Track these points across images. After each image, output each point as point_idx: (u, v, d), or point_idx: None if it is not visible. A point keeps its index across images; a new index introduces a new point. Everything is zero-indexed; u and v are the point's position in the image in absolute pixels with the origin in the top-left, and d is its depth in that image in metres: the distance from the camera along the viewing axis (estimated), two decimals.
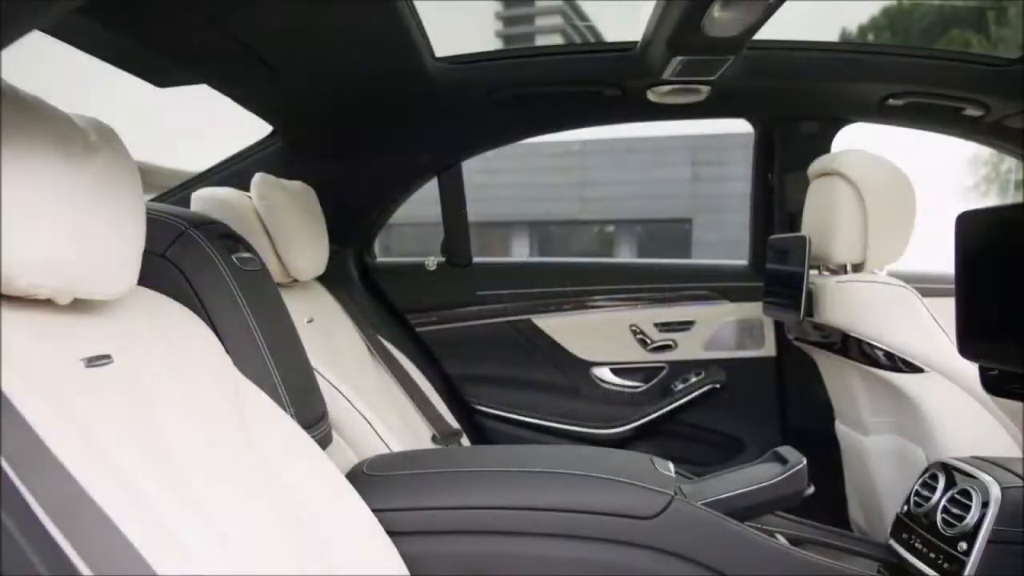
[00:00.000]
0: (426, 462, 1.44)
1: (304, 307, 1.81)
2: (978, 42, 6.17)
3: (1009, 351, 1.00)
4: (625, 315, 2.54)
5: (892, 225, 1.91)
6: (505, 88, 2.08)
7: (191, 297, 1.21)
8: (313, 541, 1.06)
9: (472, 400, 2.52)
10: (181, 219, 1.29)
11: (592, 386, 2.54)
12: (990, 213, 1.04)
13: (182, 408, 0.98)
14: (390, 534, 1.20)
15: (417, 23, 1.68)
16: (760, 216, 2.55)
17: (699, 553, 1.27)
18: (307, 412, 1.32)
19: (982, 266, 1.05)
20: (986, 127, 2.26)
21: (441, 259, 2.57)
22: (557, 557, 1.28)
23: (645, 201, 12.69)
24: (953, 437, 1.74)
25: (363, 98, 2.03)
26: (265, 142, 2.24)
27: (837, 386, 2.15)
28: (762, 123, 2.48)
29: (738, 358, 2.53)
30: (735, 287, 2.54)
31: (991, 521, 1.36)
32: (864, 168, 1.91)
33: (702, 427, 2.52)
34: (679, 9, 1.55)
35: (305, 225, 1.83)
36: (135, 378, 0.93)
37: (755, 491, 1.38)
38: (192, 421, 0.98)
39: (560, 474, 1.33)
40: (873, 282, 1.86)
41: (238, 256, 1.33)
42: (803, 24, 2.10)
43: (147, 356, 0.97)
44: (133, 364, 0.94)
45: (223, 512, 0.92)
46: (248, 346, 1.25)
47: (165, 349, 1.01)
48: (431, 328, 2.54)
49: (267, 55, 1.62)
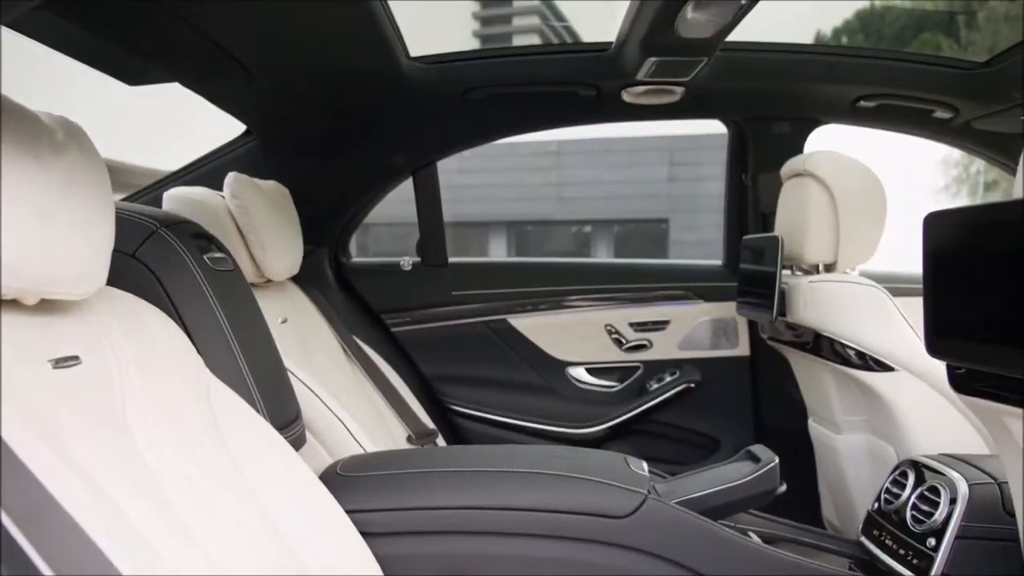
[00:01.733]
0: (401, 462, 1.43)
1: (278, 307, 1.80)
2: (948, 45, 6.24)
3: (975, 350, 1.01)
4: (600, 315, 2.56)
5: (863, 225, 1.93)
6: (480, 88, 2.08)
7: (162, 297, 1.20)
8: (285, 543, 1.05)
9: (448, 400, 2.51)
10: (152, 218, 1.28)
11: (568, 386, 2.54)
12: (957, 214, 1.05)
13: (152, 410, 0.97)
14: (364, 535, 1.19)
15: (391, 23, 1.68)
16: (734, 216, 2.57)
17: (673, 552, 1.28)
18: (280, 413, 1.31)
19: (949, 266, 1.06)
20: (955, 129, 2.29)
21: (416, 259, 2.57)
22: (531, 556, 1.28)
23: (622, 201, 12.71)
24: (923, 435, 1.76)
25: (337, 97, 2.02)
26: (239, 141, 2.22)
27: (810, 385, 2.17)
28: (736, 124, 2.50)
29: (712, 357, 2.55)
30: (709, 287, 2.56)
31: (959, 517, 1.38)
32: (835, 169, 1.93)
33: (677, 426, 2.54)
34: (653, 10, 1.56)
35: (279, 225, 1.82)
36: (104, 379, 0.92)
37: (728, 490, 1.39)
38: (163, 423, 0.97)
39: (534, 474, 1.33)
40: (844, 282, 1.88)
41: (210, 256, 1.32)
42: (779, 27, 2.12)
43: (117, 357, 0.96)
44: (102, 365, 0.93)
45: (194, 515, 0.91)
46: (220, 347, 1.24)
47: (135, 350, 1.00)
48: (406, 328, 2.54)
49: (240, 54, 1.61)
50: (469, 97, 2.11)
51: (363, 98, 2.05)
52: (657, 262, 2.89)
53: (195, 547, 0.88)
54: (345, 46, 1.68)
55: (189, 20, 1.41)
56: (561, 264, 2.83)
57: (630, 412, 2.48)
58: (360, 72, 1.85)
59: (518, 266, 2.90)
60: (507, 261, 5.48)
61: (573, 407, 2.52)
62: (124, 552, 0.73)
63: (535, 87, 2.12)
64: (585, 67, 2.03)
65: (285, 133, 2.20)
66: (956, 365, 1.10)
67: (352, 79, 1.89)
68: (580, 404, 2.52)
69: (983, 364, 1.02)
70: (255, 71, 1.70)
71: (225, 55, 1.58)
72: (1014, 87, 1.95)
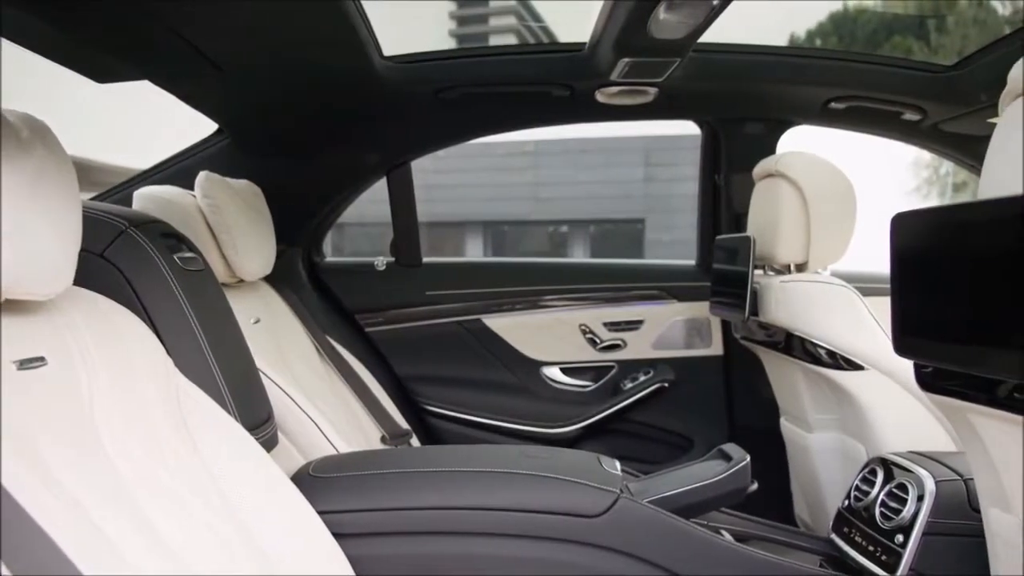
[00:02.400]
0: (373, 463, 1.42)
1: (250, 307, 1.79)
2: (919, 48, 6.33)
3: (942, 349, 1.02)
4: (575, 315, 2.56)
5: (833, 226, 1.95)
6: (454, 88, 2.08)
7: (131, 298, 1.19)
8: (255, 545, 1.04)
9: (422, 400, 2.51)
10: (121, 218, 1.26)
11: (542, 385, 2.55)
12: (924, 214, 1.06)
13: (120, 411, 0.96)
14: (336, 536, 1.19)
15: (364, 21, 1.67)
16: (707, 216, 2.59)
17: (645, 550, 1.29)
18: (251, 414, 1.31)
19: (916, 266, 1.07)
20: (923, 131, 2.32)
21: (390, 259, 2.56)
22: (505, 556, 1.28)
23: (598, 201, 12.74)
24: (892, 433, 1.78)
25: (310, 96, 2.01)
26: (211, 140, 2.20)
27: (782, 384, 2.19)
28: (709, 125, 2.51)
29: (686, 357, 2.56)
30: (683, 287, 2.57)
31: (926, 514, 1.40)
32: (806, 170, 1.94)
33: (651, 425, 2.55)
34: (625, 11, 1.56)
35: (251, 224, 1.81)
36: (71, 381, 0.91)
37: (700, 488, 1.40)
38: (131, 424, 0.96)
39: (507, 474, 1.33)
40: (815, 282, 1.90)
41: (180, 256, 1.31)
42: (753, 29, 2.13)
43: (84, 358, 0.95)
44: (69, 366, 0.92)
45: (162, 518, 0.91)
46: (190, 347, 1.23)
47: (103, 351, 0.99)
48: (380, 328, 2.53)
49: (211, 52, 1.59)
50: (443, 97, 2.11)
51: (336, 97, 2.04)
52: (631, 262, 2.90)
53: (164, 550, 0.87)
54: (317, 45, 1.67)
55: (158, 17, 1.40)
56: (535, 264, 2.84)
57: (604, 412, 2.49)
58: (333, 71, 1.84)
59: (492, 266, 2.90)
60: (481, 261, 5.48)
61: (547, 407, 2.52)
62: (89, 556, 0.73)
63: (509, 87, 2.12)
64: (559, 67, 2.04)
65: (258, 132, 2.18)
66: (923, 364, 1.12)
67: (325, 78, 1.88)
68: (554, 404, 2.53)
69: (949, 363, 1.03)
70: (226, 69, 1.69)
71: (195, 53, 1.57)
72: (981, 90, 1.98)
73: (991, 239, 0.89)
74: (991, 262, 0.90)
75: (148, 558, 0.84)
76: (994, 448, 1.06)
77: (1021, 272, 0.83)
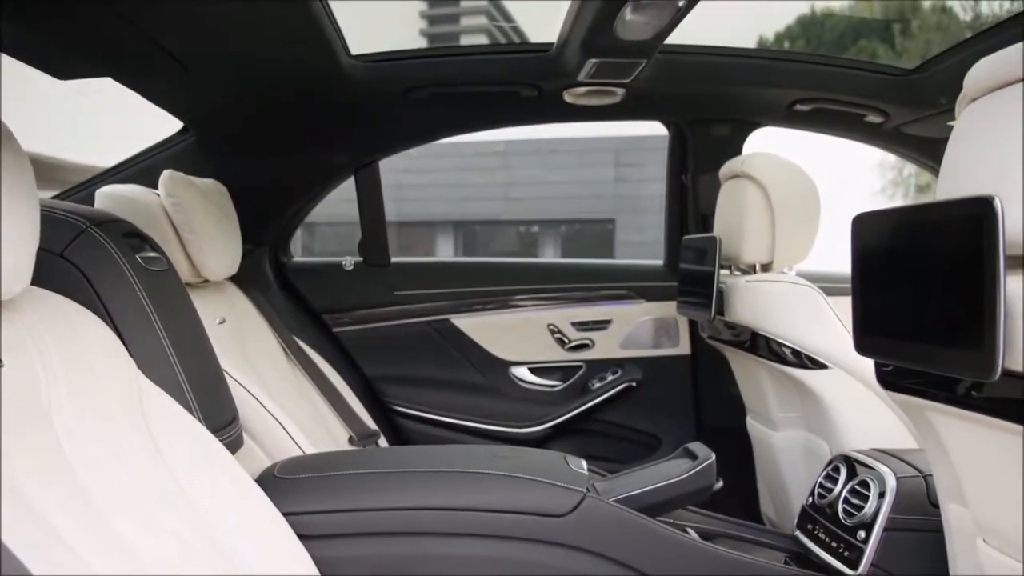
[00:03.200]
0: (339, 464, 1.42)
1: (215, 308, 1.77)
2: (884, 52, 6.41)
3: (901, 348, 1.04)
4: (543, 315, 2.57)
5: (798, 226, 1.97)
6: (422, 87, 2.07)
7: (92, 298, 1.17)
8: (217, 547, 1.03)
9: (390, 401, 2.50)
10: (82, 217, 1.25)
11: (511, 385, 2.55)
12: (883, 215, 1.08)
13: (81, 414, 0.94)
14: (302, 538, 1.18)
15: (331, 20, 1.66)
16: (675, 217, 2.60)
17: (611, 549, 1.29)
18: (216, 415, 1.29)
19: (876, 266, 1.09)
20: (886, 133, 2.36)
21: (359, 259, 2.55)
22: (472, 556, 1.28)
23: (569, 201, 12.77)
24: (855, 431, 1.81)
25: (276, 95, 1.99)
26: (175, 138, 2.18)
27: (748, 383, 2.21)
28: (676, 125, 2.53)
29: (654, 356, 2.58)
30: (651, 287, 2.59)
31: (887, 510, 1.41)
32: (771, 170, 1.96)
33: (619, 425, 2.56)
34: (592, 11, 1.57)
35: (216, 224, 1.79)
36: (29, 384, 0.90)
37: (665, 487, 1.40)
38: (91, 428, 0.95)
39: (473, 474, 1.33)
40: (780, 281, 1.92)
41: (143, 256, 1.29)
42: (723, 30, 2.15)
43: (43, 360, 0.93)
44: (27, 369, 0.90)
45: (121, 519, 0.89)
46: (153, 348, 1.21)
47: (62, 352, 0.97)
48: (348, 329, 2.52)
49: (173, 49, 1.57)
50: (411, 96, 2.10)
51: (302, 96, 2.03)
52: (599, 262, 2.92)
53: (123, 552, 0.86)
54: (283, 43, 1.66)
55: (119, 13, 1.38)
56: (503, 264, 2.84)
57: (573, 411, 2.49)
58: (299, 70, 1.83)
59: (460, 266, 2.90)
60: (449, 261, 5.48)
61: (516, 407, 2.52)
62: (43, 556, 0.71)
63: (477, 87, 2.12)
64: (526, 67, 2.04)
65: (223, 130, 2.16)
66: (883, 362, 1.13)
67: (291, 77, 1.87)
68: (523, 404, 2.53)
69: (908, 362, 1.05)
70: (190, 67, 1.67)
71: (158, 50, 1.55)
72: (941, 93, 2.01)
73: (947, 239, 0.91)
74: (948, 262, 0.91)
75: (106, 560, 0.83)
76: (952, 445, 1.08)
77: (977, 272, 0.85)
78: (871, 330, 1.11)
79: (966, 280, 0.87)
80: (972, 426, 0.99)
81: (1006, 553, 1.02)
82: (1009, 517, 1.00)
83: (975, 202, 0.85)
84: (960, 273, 0.88)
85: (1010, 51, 0.93)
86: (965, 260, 0.87)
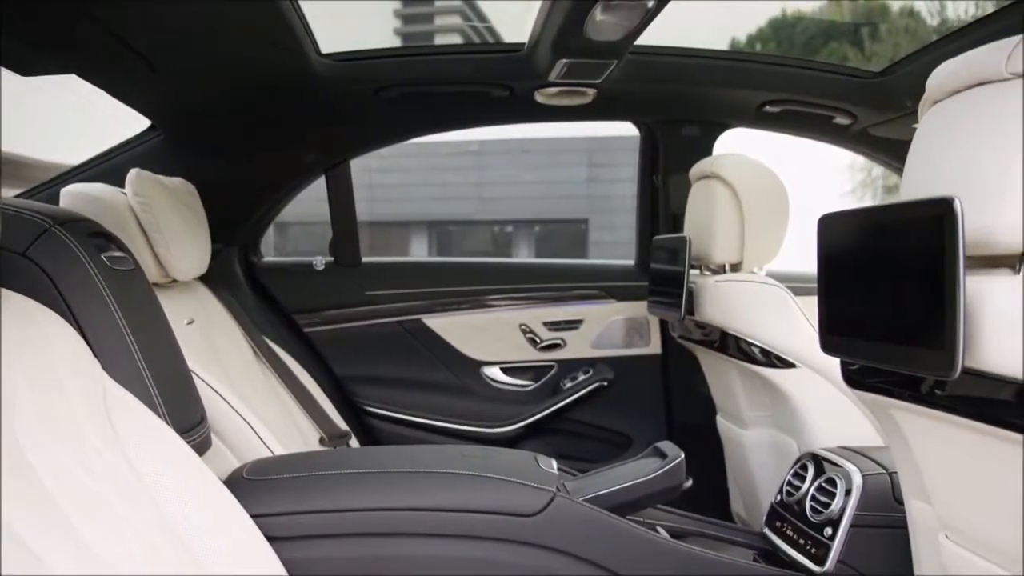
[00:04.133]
0: (309, 465, 1.41)
1: (184, 308, 1.76)
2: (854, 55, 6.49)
3: (865, 347, 1.05)
4: (515, 314, 2.57)
5: (767, 226, 1.99)
6: (392, 87, 2.07)
7: (55, 298, 1.15)
8: (186, 550, 1.02)
9: (361, 401, 2.49)
10: (45, 216, 1.23)
11: (482, 385, 2.55)
12: (848, 215, 1.09)
13: (41, 414, 0.93)
14: (270, 540, 1.17)
15: (300, 18, 1.65)
16: (646, 217, 2.62)
17: (581, 548, 1.29)
18: (183, 417, 1.28)
19: (841, 266, 1.10)
20: (854, 135, 2.39)
21: (330, 259, 2.53)
22: (442, 557, 1.28)
23: (542, 202, 12.78)
24: (823, 429, 1.83)
25: (245, 93, 1.98)
26: (143, 136, 2.15)
27: (717, 382, 2.23)
28: (647, 126, 2.54)
29: (625, 356, 2.59)
30: (622, 286, 2.60)
31: (853, 507, 1.43)
32: (740, 171, 1.98)
33: (591, 424, 2.57)
34: (562, 12, 1.57)
35: (184, 223, 1.78)
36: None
37: (635, 486, 1.41)
38: (52, 428, 0.93)
39: (442, 474, 1.32)
40: (748, 281, 1.93)
41: (108, 255, 1.27)
42: (696, 30, 2.17)
43: (3, 362, 0.92)
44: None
45: (85, 522, 0.88)
46: (118, 349, 1.20)
47: (24, 353, 0.96)
48: (319, 329, 2.50)
49: (140, 46, 1.55)
50: (381, 95, 2.09)
51: (272, 95, 2.01)
52: (570, 262, 2.92)
53: (88, 556, 0.85)
54: (250, 41, 1.64)
55: (83, 9, 1.36)
56: (475, 264, 2.84)
57: (544, 411, 2.50)
58: (268, 68, 1.82)
59: (432, 266, 2.89)
60: (421, 261, 5.47)
61: (488, 406, 2.52)
62: (10, 568, 0.70)
63: (448, 86, 2.12)
64: (498, 67, 2.04)
65: (192, 129, 2.14)
66: (849, 361, 1.15)
67: (260, 75, 1.86)
68: (495, 403, 2.53)
69: (872, 360, 1.06)
70: (157, 64, 1.65)
71: (123, 46, 1.53)
72: (906, 96, 2.04)
73: (909, 240, 0.92)
74: (910, 262, 0.92)
75: (71, 565, 0.81)
76: (915, 442, 1.09)
77: (938, 272, 0.86)
78: (836, 329, 1.12)
79: (928, 280, 0.88)
80: (935, 424, 1.01)
81: (967, 548, 1.03)
82: (970, 513, 1.02)
83: (936, 203, 0.86)
84: (922, 273, 0.90)
85: (970, 55, 0.95)
86: (927, 260, 0.88)
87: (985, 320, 0.86)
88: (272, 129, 2.21)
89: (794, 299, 1.89)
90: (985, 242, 0.88)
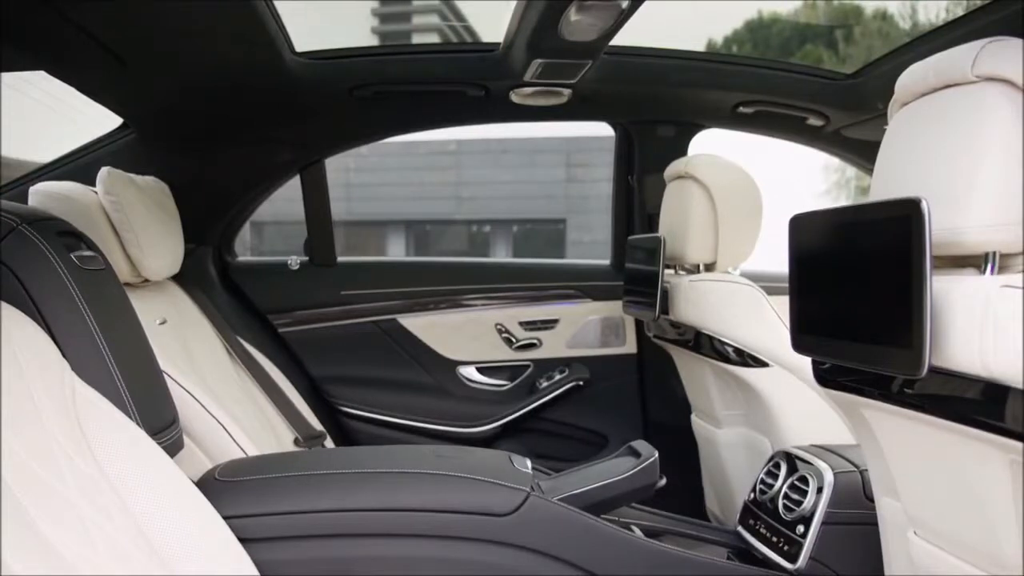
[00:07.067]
0: (282, 466, 1.40)
1: (156, 308, 1.74)
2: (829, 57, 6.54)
3: (836, 346, 1.06)
4: (490, 314, 2.57)
5: (741, 227, 2.01)
6: (367, 86, 2.06)
7: (23, 298, 1.14)
8: (157, 554, 1.01)
9: (336, 401, 2.48)
10: (12, 214, 1.21)
11: (458, 385, 2.55)
12: (819, 216, 1.10)
13: (10, 419, 0.92)
14: (243, 541, 1.16)
15: (274, 16, 1.64)
16: (621, 217, 2.63)
17: (556, 548, 1.29)
18: (154, 417, 1.27)
19: (812, 266, 1.11)
20: (826, 136, 2.41)
21: (305, 258, 2.52)
22: (416, 557, 1.28)
23: (520, 201, 12.79)
24: (795, 427, 1.84)
25: (218, 92, 1.96)
26: (115, 135, 2.13)
27: (692, 381, 2.24)
28: (622, 127, 2.55)
29: (601, 355, 2.60)
30: (598, 286, 2.61)
31: (825, 504, 1.45)
32: (714, 172, 1.99)
33: (567, 423, 2.57)
34: (537, 12, 1.57)
35: (157, 222, 1.76)
36: None
37: (609, 485, 1.42)
38: (20, 431, 0.92)
39: (416, 474, 1.32)
40: (722, 281, 1.95)
41: (78, 254, 1.26)
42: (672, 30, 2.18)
43: None
44: None
45: (52, 526, 0.87)
46: (88, 350, 1.18)
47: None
48: (294, 329, 2.49)
49: (111, 43, 1.54)
50: (356, 94, 2.09)
51: (245, 93, 2.00)
52: (546, 262, 2.93)
53: (56, 559, 0.84)
54: (222, 39, 1.63)
55: (53, 5, 1.34)
56: (450, 264, 2.83)
57: (520, 410, 2.50)
58: (241, 66, 1.80)
59: (407, 265, 2.88)
60: (396, 260, 5.45)
61: (464, 406, 2.52)
62: None
63: (423, 86, 2.12)
64: (473, 67, 2.04)
65: (165, 127, 2.12)
66: (820, 360, 1.16)
67: (233, 73, 1.84)
68: (471, 403, 2.53)
69: (842, 359, 1.07)
70: (128, 61, 1.63)
71: (94, 43, 1.51)
72: (877, 98, 2.06)
73: (878, 240, 0.93)
74: (878, 262, 0.94)
75: (37, 566, 0.80)
76: (885, 440, 1.11)
77: (905, 271, 0.87)
78: (807, 329, 1.13)
79: (896, 280, 0.89)
80: (903, 422, 1.02)
81: (935, 544, 1.05)
82: (937, 509, 1.03)
83: (903, 204, 0.87)
84: (890, 273, 0.91)
85: (938, 58, 0.96)
86: (895, 260, 0.89)
87: (952, 319, 0.87)
88: (246, 128, 2.20)
89: (767, 299, 1.91)
90: (952, 242, 0.89)
